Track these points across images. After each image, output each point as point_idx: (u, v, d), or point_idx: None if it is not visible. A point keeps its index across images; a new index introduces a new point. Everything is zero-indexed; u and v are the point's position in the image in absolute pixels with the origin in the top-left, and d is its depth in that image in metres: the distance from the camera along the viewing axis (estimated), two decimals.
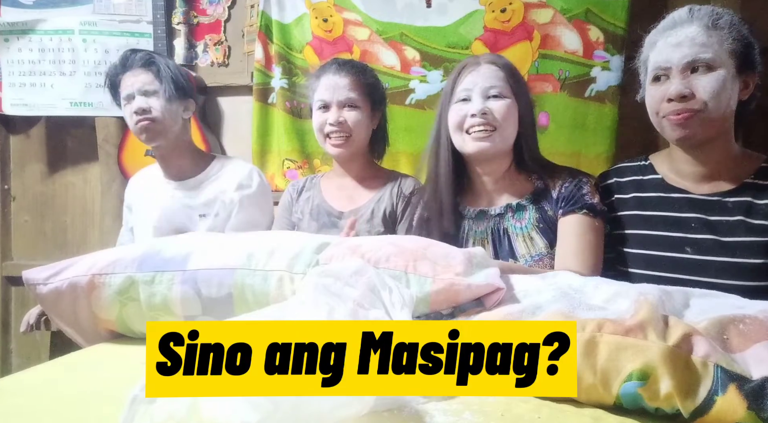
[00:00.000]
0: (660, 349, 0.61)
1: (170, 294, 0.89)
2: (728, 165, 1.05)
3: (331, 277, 0.75)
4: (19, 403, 0.70)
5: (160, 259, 0.93)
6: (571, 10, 1.83)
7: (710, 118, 0.99)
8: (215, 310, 0.88)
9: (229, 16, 2.20)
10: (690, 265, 1.02)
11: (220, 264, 0.89)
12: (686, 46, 0.99)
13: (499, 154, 1.20)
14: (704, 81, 0.98)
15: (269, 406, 0.53)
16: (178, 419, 0.54)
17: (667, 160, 1.13)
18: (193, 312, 0.89)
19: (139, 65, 1.47)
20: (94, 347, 0.93)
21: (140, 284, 0.90)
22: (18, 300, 2.44)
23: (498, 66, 1.19)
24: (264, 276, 0.87)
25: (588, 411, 0.64)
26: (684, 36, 1.00)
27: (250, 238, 0.97)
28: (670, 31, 1.03)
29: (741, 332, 0.65)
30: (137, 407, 0.54)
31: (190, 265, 0.90)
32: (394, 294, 0.75)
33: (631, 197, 1.14)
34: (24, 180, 2.44)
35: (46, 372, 0.82)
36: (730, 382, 0.58)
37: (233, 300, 0.88)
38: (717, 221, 1.02)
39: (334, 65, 1.45)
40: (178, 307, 0.89)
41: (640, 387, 0.61)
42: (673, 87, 1.00)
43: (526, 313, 0.73)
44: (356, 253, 0.85)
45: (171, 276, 0.89)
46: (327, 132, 1.42)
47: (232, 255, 0.90)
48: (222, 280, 0.88)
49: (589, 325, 0.66)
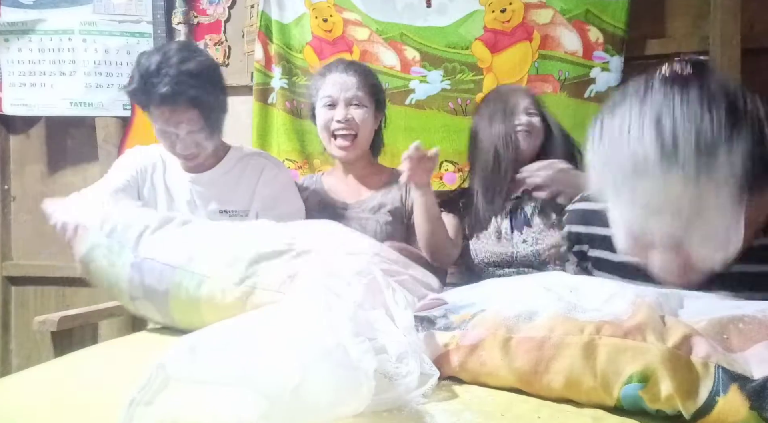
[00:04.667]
0: (660, 350, 0.61)
1: (122, 273, 0.97)
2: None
3: (333, 276, 0.76)
4: (19, 403, 0.70)
5: (122, 227, 1.01)
6: (570, 11, 1.83)
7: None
8: (155, 300, 0.95)
9: (229, 16, 2.20)
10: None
11: (164, 259, 0.95)
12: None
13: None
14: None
15: (267, 404, 0.53)
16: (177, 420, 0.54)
17: None
18: (136, 294, 0.97)
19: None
20: (94, 347, 0.93)
21: (105, 249, 0.99)
22: (18, 300, 2.44)
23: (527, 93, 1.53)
24: (199, 281, 0.91)
25: (588, 411, 0.64)
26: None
27: (200, 235, 1.01)
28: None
29: (741, 332, 0.64)
30: (135, 409, 0.54)
31: (141, 248, 0.97)
32: (397, 294, 0.75)
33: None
34: (24, 180, 2.43)
35: (46, 372, 0.82)
36: (732, 382, 0.58)
37: (169, 296, 0.93)
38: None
39: (342, 64, 1.46)
40: (126, 285, 0.97)
41: (641, 389, 0.61)
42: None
43: (522, 318, 0.72)
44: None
45: (125, 257, 0.97)
46: (333, 129, 1.42)
47: (177, 252, 0.95)
48: (162, 276, 0.93)
49: (587, 328, 0.66)
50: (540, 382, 0.66)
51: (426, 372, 0.66)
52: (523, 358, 0.67)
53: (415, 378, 0.64)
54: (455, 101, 1.98)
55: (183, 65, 1.30)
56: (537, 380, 0.66)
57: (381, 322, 0.73)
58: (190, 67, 1.31)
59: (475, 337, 0.70)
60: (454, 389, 0.70)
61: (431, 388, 0.65)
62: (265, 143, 2.12)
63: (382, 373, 0.63)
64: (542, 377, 0.65)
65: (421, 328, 0.74)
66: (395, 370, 0.65)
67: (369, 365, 0.59)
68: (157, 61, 1.30)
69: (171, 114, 1.32)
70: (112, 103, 1.51)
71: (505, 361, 0.67)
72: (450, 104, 1.98)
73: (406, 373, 0.64)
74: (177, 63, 1.30)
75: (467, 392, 0.69)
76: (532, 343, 0.67)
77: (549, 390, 0.66)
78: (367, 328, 0.70)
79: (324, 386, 0.56)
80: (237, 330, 0.62)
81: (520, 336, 0.68)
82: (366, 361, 0.59)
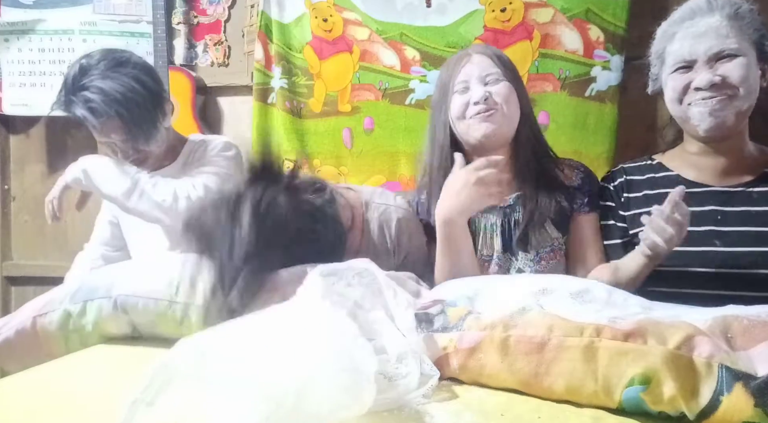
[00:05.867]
0: (661, 352, 0.60)
1: (100, 318, 0.92)
2: (746, 156, 1.05)
3: (333, 276, 0.75)
4: (19, 403, 0.69)
5: (87, 289, 0.95)
6: (571, 10, 1.83)
7: (740, 107, 0.98)
8: (145, 330, 0.93)
9: (229, 16, 2.19)
10: (721, 258, 1.00)
11: (144, 292, 0.91)
12: (711, 37, 0.98)
13: (503, 138, 1.17)
14: (732, 67, 0.97)
15: (269, 407, 0.53)
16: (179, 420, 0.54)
17: (679, 157, 1.12)
18: (125, 330, 0.93)
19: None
20: (93, 348, 0.93)
21: (74, 316, 0.93)
22: (18, 300, 2.44)
23: (488, 55, 1.19)
24: (184, 308, 0.89)
25: (588, 411, 0.64)
26: (707, 26, 0.98)
27: (175, 265, 0.96)
28: (689, 22, 1.01)
29: (745, 330, 0.64)
30: (137, 408, 0.54)
31: (115, 291, 0.92)
32: (399, 295, 0.75)
33: (649, 194, 1.12)
34: (24, 180, 2.43)
35: (45, 372, 0.82)
36: (736, 381, 0.57)
37: (157, 325, 0.91)
38: (743, 211, 1.01)
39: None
40: (113, 326, 0.93)
41: (642, 391, 0.60)
42: (701, 76, 0.99)
43: (517, 313, 0.71)
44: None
45: (99, 303, 0.92)
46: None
47: (156, 283, 0.92)
48: (147, 307, 0.90)
49: (587, 329, 0.65)
50: (541, 385, 0.65)
51: (426, 372, 0.66)
52: (523, 360, 0.66)
53: (415, 378, 0.64)
54: None
55: (97, 81, 1.32)
56: (537, 383, 0.66)
57: (381, 323, 0.73)
58: (103, 86, 1.32)
59: (472, 340, 0.70)
60: (454, 389, 0.69)
61: (431, 389, 0.65)
62: (265, 143, 2.12)
63: (382, 373, 0.63)
64: (543, 380, 0.65)
65: (420, 329, 0.74)
66: (395, 371, 0.65)
67: (370, 369, 0.58)
68: (74, 76, 1.34)
69: (99, 127, 1.35)
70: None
71: (505, 363, 0.67)
72: None
73: (406, 374, 0.64)
74: (95, 77, 1.33)
75: (467, 392, 0.69)
76: (531, 345, 0.66)
77: (550, 392, 0.65)
78: (367, 328, 0.70)
79: (327, 390, 0.55)
80: (241, 332, 0.62)
81: (519, 334, 0.68)
82: (367, 365, 0.59)
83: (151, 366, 0.56)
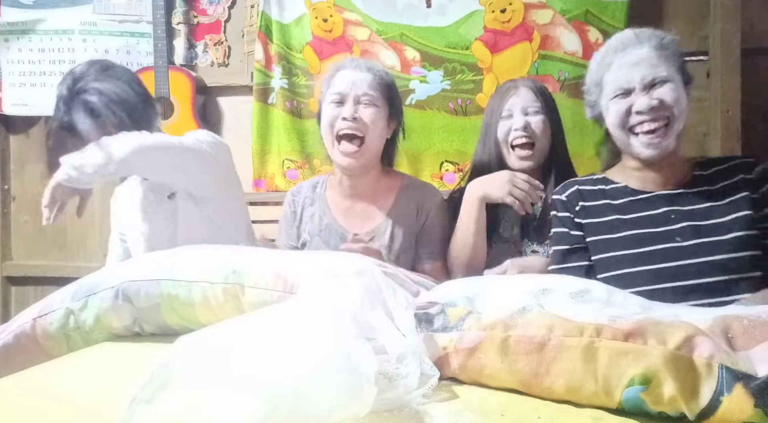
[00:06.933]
0: (661, 353, 0.60)
1: (101, 310, 0.91)
2: (679, 165, 1.19)
3: (332, 276, 0.75)
4: (19, 403, 0.69)
5: (89, 285, 0.95)
6: (570, 11, 1.83)
7: (678, 129, 1.12)
8: (148, 319, 0.92)
9: (229, 16, 2.20)
10: (687, 252, 1.10)
11: (144, 276, 0.91)
12: (644, 66, 1.11)
13: (535, 164, 1.40)
14: (664, 91, 1.10)
15: (268, 407, 0.53)
16: (178, 420, 0.54)
17: (622, 172, 1.23)
18: (127, 322, 0.92)
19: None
20: (93, 347, 0.93)
21: (75, 312, 0.93)
22: (18, 300, 2.44)
23: (532, 90, 1.40)
24: (187, 287, 0.89)
25: (588, 411, 0.64)
26: (638, 57, 1.11)
27: (175, 253, 0.98)
28: (621, 53, 1.14)
29: (746, 330, 0.64)
30: (136, 407, 0.54)
31: (117, 281, 0.92)
32: (398, 295, 0.75)
33: (603, 204, 1.21)
34: (24, 180, 2.43)
35: (46, 372, 0.82)
36: (736, 381, 0.58)
37: (161, 309, 0.90)
38: (691, 210, 1.13)
39: (354, 62, 1.37)
40: (114, 319, 0.92)
41: (642, 392, 0.60)
42: (640, 101, 1.10)
43: (517, 313, 0.71)
44: (280, 278, 0.86)
45: (101, 295, 0.92)
46: (338, 129, 1.28)
47: (156, 266, 0.92)
48: (149, 291, 0.90)
49: (587, 329, 0.65)
50: (541, 385, 0.65)
51: (426, 372, 0.66)
52: (523, 360, 0.66)
53: (415, 378, 0.64)
54: (455, 101, 1.98)
55: (93, 83, 1.36)
56: (537, 383, 0.66)
57: (381, 323, 0.73)
58: (100, 87, 1.35)
59: (472, 340, 0.70)
60: (454, 389, 0.69)
61: (431, 389, 0.65)
62: (265, 143, 2.12)
63: (382, 373, 0.63)
64: (543, 380, 0.65)
65: (420, 329, 0.74)
66: (395, 371, 0.65)
67: (370, 369, 0.58)
68: (68, 86, 1.37)
69: (98, 128, 1.37)
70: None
71: (505, 363, 0.67)
72: (450, 104, 1.99)
73: (406, 374, 0.64)
74: (90, 80, 1.36)
75: (467, 392, 0.69)
76: (531, 345, 0.66)
77: (550, 392, 0.65)
78: (367, 328, 0.70)
79: (326, 390, 0.55)
80: (240, 331, 0.62)
81: (519, 334, 0.68)
82: (367, 365, 0.59)
83: (150, 364, 0.56)
